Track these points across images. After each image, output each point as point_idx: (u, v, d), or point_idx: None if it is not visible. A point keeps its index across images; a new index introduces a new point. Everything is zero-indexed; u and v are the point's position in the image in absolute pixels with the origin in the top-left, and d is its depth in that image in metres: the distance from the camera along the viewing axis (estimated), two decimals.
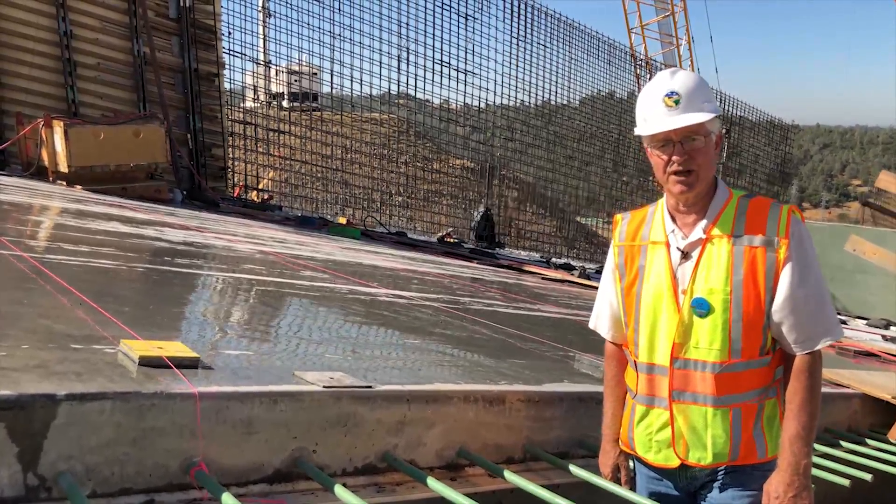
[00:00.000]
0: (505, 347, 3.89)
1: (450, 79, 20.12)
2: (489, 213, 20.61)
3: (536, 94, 23.59)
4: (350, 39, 18.58)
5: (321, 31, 18.17)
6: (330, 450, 2.32)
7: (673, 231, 2.34)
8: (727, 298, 2.23)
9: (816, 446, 3.88)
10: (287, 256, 6.25)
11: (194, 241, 6.11)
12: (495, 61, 21.52)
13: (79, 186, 10.13)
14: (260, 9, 19.96)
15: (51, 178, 10.52)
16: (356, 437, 2.37)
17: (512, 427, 2.81)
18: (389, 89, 19.94)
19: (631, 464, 2.53)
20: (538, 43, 22.42)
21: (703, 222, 2.28)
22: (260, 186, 17.55)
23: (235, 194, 16.48)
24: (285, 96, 22.76)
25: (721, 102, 32.69)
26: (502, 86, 21.76)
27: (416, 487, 2.36)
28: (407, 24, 19.44)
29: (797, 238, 2.23)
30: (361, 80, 18.90)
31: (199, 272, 4.36)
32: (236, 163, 17.00)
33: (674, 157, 2.22)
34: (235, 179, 17.07)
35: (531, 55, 22.33)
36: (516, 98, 22.85)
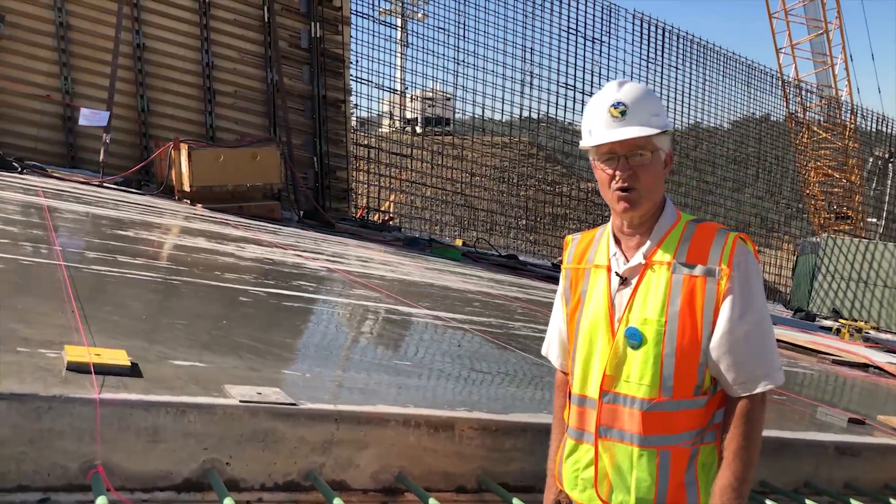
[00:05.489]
0: (508, 375, 3.78)
1: (574, 101, 19.99)
2: None
3: (673, 117, 22.91)
4: (473, 65, 18.93)
5: (444, 57, 18.63)
6: (245, 464, 2.35)
7: (615, 254, 2.21)
8: (661, 330, 2.08)
9: None
10: (355, 275, 6.40)
11: (268, 258, 6.40)
12: None
13: (199, 205, 10.91)
14: (398, 40, 20.80)
15: (177, 197, 11.42)
16: (276, 453, 2.39)
17: (463, 455, 2.73)
18: (512, 113, 20.09)
19: None
20: (669, 65, 21.81)
21: (646, 246, 2.15)
22: (382, 208, 18.12)
23: (358, 215, 17.11)
24: (419, 122, 23.43)
25: (886, 125, 30.17)
26: None
27: None
28: (531, 49, 19.56)
29: (742, 268, 2.06)
30: (484, 105, 19.18)
31: (237, 286, 4.54)
32: (361, 185, 17.67)
33: (618, 172, 2.10)
34: (359, 202, 17.73)
35: (662, 77, 21.76)
36: None
